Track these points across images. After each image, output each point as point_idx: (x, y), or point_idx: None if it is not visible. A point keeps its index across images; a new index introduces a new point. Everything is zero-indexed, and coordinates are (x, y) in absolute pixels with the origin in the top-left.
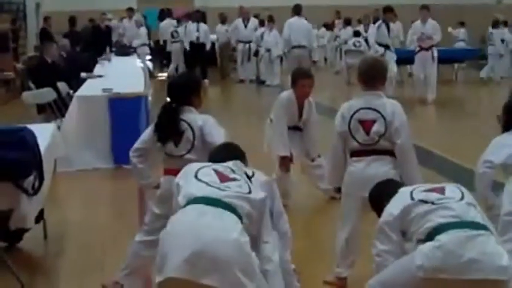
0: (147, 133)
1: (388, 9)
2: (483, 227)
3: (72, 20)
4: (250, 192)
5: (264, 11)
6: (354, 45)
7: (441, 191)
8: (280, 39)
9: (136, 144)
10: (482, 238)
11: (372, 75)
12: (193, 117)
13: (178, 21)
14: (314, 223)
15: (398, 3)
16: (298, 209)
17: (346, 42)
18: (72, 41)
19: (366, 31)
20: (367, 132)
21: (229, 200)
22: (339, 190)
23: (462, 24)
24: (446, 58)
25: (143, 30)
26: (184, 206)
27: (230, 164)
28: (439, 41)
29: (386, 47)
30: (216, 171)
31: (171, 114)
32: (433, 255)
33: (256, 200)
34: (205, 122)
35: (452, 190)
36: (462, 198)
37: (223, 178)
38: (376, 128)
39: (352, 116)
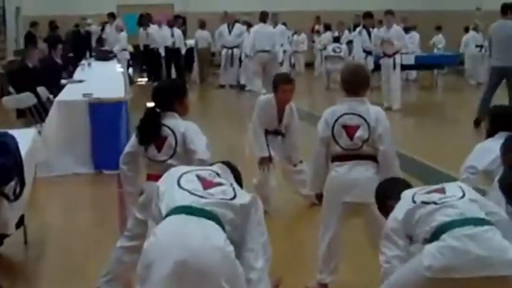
0: (133, 138)
1: (367, 15)
2: (487, 223)
3: (52, 25)
4: (234, 196)
5: (244, 16)
6: (334, 50)
7: (442, 191)
8: None
9: (125, 149)
10: (488, 234)
11: (355, 82)
12: (176, 123)
13: (159, 26)
14: (295, 229)
15: (381, 9)
16: (279, 215)
17: (325, 48)
18: (50, 46)
19: (340, 37)
20: (351, 138)
21: (211, 208)
22: (320, 196)
23: (439, 28)
24: (426, 64)
25: (123, 35)
26: (167, 215)
27: (215, 167)
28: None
29: (368, 52)
30: (199, 177)
31: (153, 118)
32: (440, 254)
33: (239, 205)
34: (188, 129)
35: (452, 189)
36: (463, 195)
37: (206, 184)
38: (360, 133)
39: (335, 121)
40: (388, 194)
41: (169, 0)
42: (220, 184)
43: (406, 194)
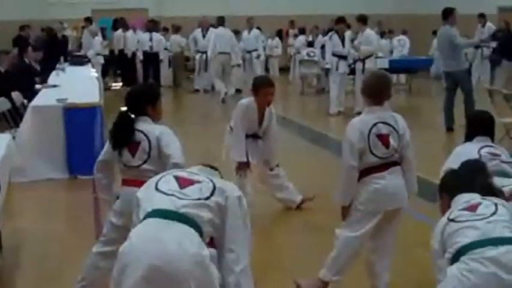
0: (107, 144)
1: (339, 20)
2: (509, 241)
3: (23, 29)
4: (212, 194)
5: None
6: (308, 55)
7: (474, 208)
8: (236, 49)
9: (99, 157)
10: (509, 256)
11: (381, 90)
12: (149, 127)
13: (134, 30)
14: (272, 234)
15: (356, 13)
16: (255, 219)
17: (299, 52)
18: (21, 49)
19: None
20: (387, 146)
21: (187, 211)
22: (346, 209)
23: (405, 32)
24: (400, 68)
25: (98, 40)
26: (144, 218)
27: (195, 169)
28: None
29: (342, 57)
30: (176, 177)
31: (126, 122)
32: (463, 277)
33: (215, 204)
34: (162, 133)
35: (485, 206)
36: (494, 213)
37: (184, 183)
38: (392, 142)
39: (370, 131)
40: (447, 189)
41: (144, 5)
42: (198, 182)
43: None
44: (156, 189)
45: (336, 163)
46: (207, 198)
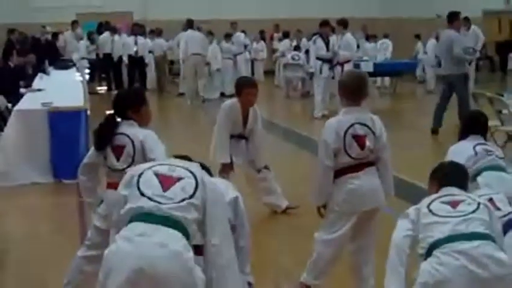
0: (92, 148)
1: (323, 23)
2: (481, 237)
3: (10, 33)
4: (195, 190)
5: (203, 24)
6: (293, 58)
7: (456, 204)
8: (219, 53)
9: (84, 160)
10: (479, 249)
11: (358, 90)
12: (134, 131)
13: (119, 34)
14: (256, 237)
15: (341, 16)
16: None
17: (283, 55)
18: (5, 53)
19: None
20: (362, 147)
21: (171, 214)
22: (322, 207)
23: (386, 36)
24: (385, 71)
25: (82, 43)
26: (129, 221)
27: (177, 161)
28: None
29: (326, 61)
30: (157, 175)
31: (109, 124)
32: (434, 270)
33: (201, 201)
34: (146, 137)
35: (468, 204)
36: (473, 211)
37: (166, 183)
38: (368, 143)
39: (346, 132)
40: (438, 178)
41: (128, 8)
42: (179, 179)
43: (431, 197)
44: (140, 192)
45: None
46: (191, 196)
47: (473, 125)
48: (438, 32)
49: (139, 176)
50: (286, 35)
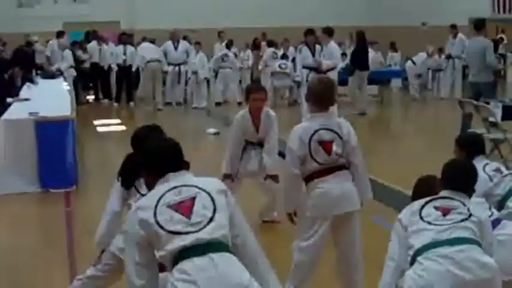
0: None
1: (308, 32)
2: (465, 241)
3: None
4: (214, 204)
5: (191, 33)
6: (280, 67)
7: (447, 212)
8: (206, 62)
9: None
10: (463, 254)
11: (325, 96)
12: None
13: (106, 43)
14: None
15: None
16: None
17: (267, 65)
18: None
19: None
20: (329, 153)
21: (213, 237)
22: (294, 214)
23: (372, 44)
24: (371, 79)
25: (68, 52)
26: (176, 261)
27: (181, 179)
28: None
29: (312, 69)
30: (170, 206)
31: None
32: (417, 276)
33: (226, 216)
34: None
35: (459, 213)
36: (462, 220)
37: (184, 210)
38: (335, 148)
39: (311, 138)
40: (442, 175)
41: (116, 18)
42: (193, 199)
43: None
44: (164, 230)
45: None
46: (214, 210)
47: (476, 148)
48: (429, 48)
49: (155, 214)
50: (270, 44)
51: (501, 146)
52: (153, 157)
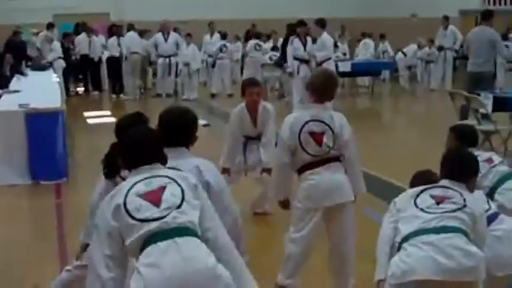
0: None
1: (299, 24)
2: (452, 230)
3: None
4: (183, 198)
5: (181, 25)
6: (270, 59)
7: (442, 200)
8: (198, 53)
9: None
10: (447, 241)
11: (325, 90)
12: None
13: (96, 35)
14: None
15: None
16: None
17: (246, 55)
18: None
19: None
20: (319, 144)
21: (177, 222)
22: (284, 202)
23: (368, 36)
24: (363, 71)
25: (56, 44)
26: (143, 247)
27: (154, 171)
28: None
29: (304, 61)
30: (141, 196)
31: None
32: (400, 262)
33: (196, 203)
34: None
35: (453, 202)
36: (455, 210)
37: (153, 198)
38: (326, 140)
39: (301, 129)
40: (442, 165)
41: (105, 9)
42: (163, 188)
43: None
44: (138, 220)
45: None
46: (183, 198)
47: (471, 138)
48: (420, 41)
49: (125, 204)
50: (256, 36)
51: (492, 138)
52: (127, 148)
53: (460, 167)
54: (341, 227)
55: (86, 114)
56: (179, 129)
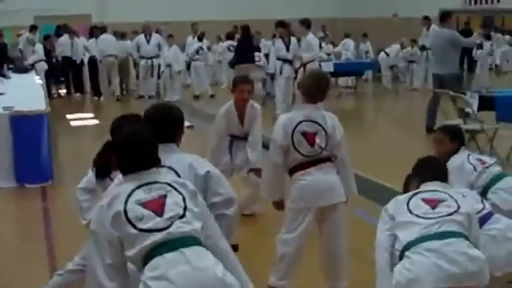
0: (91, 172)
1: (279, 24)
2: (453, 235)
3: None
4: (184, 201)
5: (163, 26)
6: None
7: (435, 204)
8: (181, 55)
9: (82, 184)
10: (450, 247)
11: (317, 91)
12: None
13: (78, 36)
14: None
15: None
16: None
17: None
18: None
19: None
20: (311, 144)
21: (182, 231)
22: (278, 203)
23: (348, 36)
24: (345, 71)
25: (38, 46)
26: (148, 258)
27: (153, 176)
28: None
29: (286, 61)
30: (142, 204)
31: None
32: (405, 270)
33: (197, 211)
34: None
35: (447, 205)
36: (451, 213)
37: (155, 206)
38: (318, 140)
39: (294, 129)
40: (420, 173)
41: (87, 11)
42: (164, 196)
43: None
44: (140, 230)
45: None
46: (185, 207)
47: (463, 137)
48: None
49: (126, 212)
50: (231, 37)
51: (477, 137)
52: (124, 148)
53: (440, 169)
54: (333, 228)
55: (69, 116)
56: (168, 124)
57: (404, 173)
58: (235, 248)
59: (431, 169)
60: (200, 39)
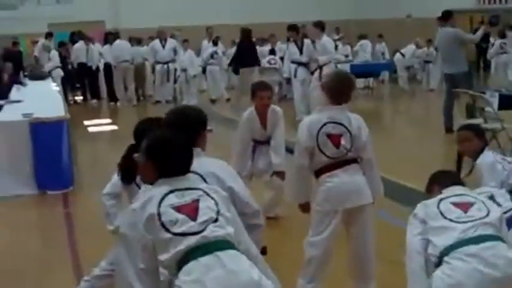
0: (115, 177)
1: (291, 28)
2: (490, 238)
3: None
4: (217, 205)
5: (176, 31)
6: (269, 62)
7: (466, 207)
8: (196, 59)
9: (107, 189)
10: (489, 251)
11: (341, 92)
12: None
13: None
14: None
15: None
16: None
17: None
18: None
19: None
20: (337, 146)
21: (216, 235)
22: (304, 206)
23: (365, 37)
24: (362, 72)
25: (54, 53)
26: (182, 263)
27: (185, 182)
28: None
29: (301, 64)
30: (176, 208)
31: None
32: (446, 276)
33: (229, 215)
34: None
35: (478, 209)
36: (483, 217)
37: (189, 211)
38: (344, 141)
39: (319, 131)
40: (439, 179)
41: (100, 17)
42: (197, 201)
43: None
44: (173, 233)
45: None
46: (218, 211)
47: (484, 137)
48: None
49: (159, 215)
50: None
51: (498, 136)
52: (164, 154)
53: (458, 177)
54: (361, 230)
55: (86, 122)
56: (187, 127)
57: (424, 174)
58: (263, 251)
59: (449, 175)
60: (215, 43)
